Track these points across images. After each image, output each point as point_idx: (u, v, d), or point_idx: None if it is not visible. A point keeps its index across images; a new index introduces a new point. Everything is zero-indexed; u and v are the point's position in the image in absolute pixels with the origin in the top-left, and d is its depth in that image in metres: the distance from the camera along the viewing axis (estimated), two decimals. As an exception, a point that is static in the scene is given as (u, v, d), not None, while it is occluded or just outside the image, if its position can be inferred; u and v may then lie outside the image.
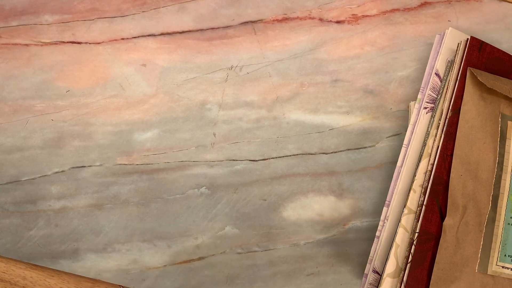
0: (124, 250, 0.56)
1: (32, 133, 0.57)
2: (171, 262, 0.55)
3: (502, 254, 0.47)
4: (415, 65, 0.56)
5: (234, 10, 0.58)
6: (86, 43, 0.58)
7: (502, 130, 0.49)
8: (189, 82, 0.57)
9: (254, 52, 0.57)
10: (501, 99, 0.49)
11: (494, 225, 0.48)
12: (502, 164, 0.48)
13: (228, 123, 0.56)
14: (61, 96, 0.58)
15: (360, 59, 0.56)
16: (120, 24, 0.58)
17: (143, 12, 0.58)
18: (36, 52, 0.58)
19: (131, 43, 0.58)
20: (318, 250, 0.54)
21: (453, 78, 0.50)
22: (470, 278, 0.47)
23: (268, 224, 0.55)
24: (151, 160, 0.56)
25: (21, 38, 0.59)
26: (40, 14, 0.59)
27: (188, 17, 0.58)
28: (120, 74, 0.57)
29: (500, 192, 0.48)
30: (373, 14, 0.57)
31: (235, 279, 0.55)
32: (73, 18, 0.58)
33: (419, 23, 0.56)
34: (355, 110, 0.56)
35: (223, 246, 0.55)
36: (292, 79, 0.57)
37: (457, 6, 0.56)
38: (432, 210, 0.47)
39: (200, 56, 0.57)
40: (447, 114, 0.49)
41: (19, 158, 0.57)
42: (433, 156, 0.49)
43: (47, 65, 0.58)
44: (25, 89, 0.58)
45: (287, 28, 0.57)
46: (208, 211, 0.56)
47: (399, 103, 0.56)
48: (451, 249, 0.46)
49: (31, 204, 0.57)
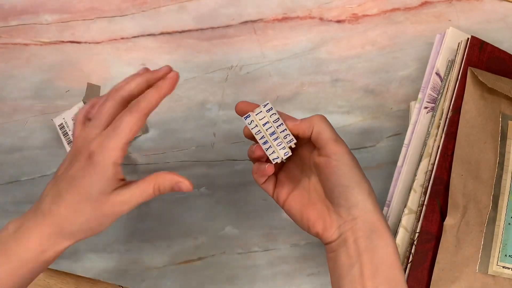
0: (124, 250, 0.55)
1: (31, 133, 0.57)
2: (171, 262, 0.55)
3: (503, 254, 0.47)
4: (415, 65, 0.56)
5: (234, 9, 0.58)
6: (86, 43, 0.58)
7: (502, 130, 0.49)
8: (189, 81, 0.57)
9: (254, 51, 0.57)
10: (502, 98, 0.49)
11: (494, 225, 0.48)
12: (502, 164, 0.48)
13: (228, 123, 0.56)
14: (61, 96, 0.58)
15: (361, 59, 0.56)
16: (119, 23, 0.58)
17: (142, 11, 0.58)
18: (36, 52, 0.58)
19: (130, 43, 0.58)
20: (319, 250, 0.54)
21: (454, 77, 0.50)
22: (471, 278, 0.46)
23: (268, 224, 0.55)
24: (151, 160, 0.56)
25: (21, 37, 0.59)
26: (40, 13, 0.59)
27: (188, 16, 0.58)
28: (120, 74, 0.57)
29: (500, 192, 0.48)
30: (374, 13, 0.57)
31: (235, 279, 0.55)
32: (73, 17, 0.58)
33: (420, 23, 0.56)
34: (356, 110, 0.56)
35: (223, 246, 0.55)
36: (292, 79, 0.56)
37: (457, 6, 0.56)
38: (433, 210, 0.47)
39: (200, 56, 0.57)
40: (448, 113, 0.49)
41: (18, 158, 0.57)
42: (434, 156, 0.49)
43: (46, 65, 0.58)
44: (25, 89, 0.58)
45: (287, 27, 0.57)
46: (208, 211, 0.56)
47: (399, 102, 0.55)
48: (451, 249, 0.46)
49: (31, 204, 0.56)
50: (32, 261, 0.38)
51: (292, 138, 0.41)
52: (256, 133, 0.41)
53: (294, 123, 0.41)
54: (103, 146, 0.37)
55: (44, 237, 0.37)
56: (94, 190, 0.37)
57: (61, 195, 0.38)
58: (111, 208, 0.38)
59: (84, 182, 0.37)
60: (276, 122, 0.41)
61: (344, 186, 0.40)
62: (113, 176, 0.37)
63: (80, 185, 0.37)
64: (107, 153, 0.37)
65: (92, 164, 0.37)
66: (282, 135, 0.41)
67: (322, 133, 0.40)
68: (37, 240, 0.37)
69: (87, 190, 0.37)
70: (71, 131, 0.53)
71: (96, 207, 0.37)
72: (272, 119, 0.41)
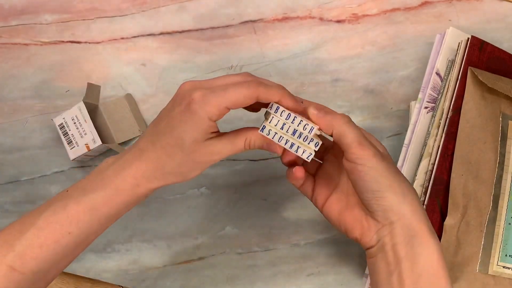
0: (124, 250, 0.55)
1: (31, 133, 0.57)
2: (171, 262, 0.55)
3: (503, 254, 0.47)
4: (415, 65, 0.56)
5: (234, 9, 0.58)
6: (86, 43, 0.58)
7: (503, 130, 0.49)
8: (189, 81, 0.57)
9: (254, 51, 0.57)
10: (502, 98, 0.49)
11: (495, 225, 0.48)
12: (503, 164, 0.48)
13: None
14: (61, 96, 0.58)
15: (361, 59, 0.56)
16: (119, 23, 0.58)
17: (142, 11, 0.58)
18: (36, 52, 0.58)
19: (130, 43, 0.58)
20: (319, 250, 0.54)
21: (454, 77, 0.50)
22: (471, 278, 0.46)
23: (268, 224, 0.55)
24: (151, 160, 0.56)
25: (21, 37, 0.58)
26: (40, 13, 0.59)
27: (188, 16, 0.58)
28: (120, 74, 0.57)
29: (501, 192, 0.48)
30: (374, 13, 0.57)
31: (235, 279, 0.54)
32: (73, 17, 0.58)
33: (420, 23, 0.56)
34: (356, 109, 0.56)
35: (223, 246, 0.55)
36: (293, 79, 0.56)
37: (458, 6, 0.56)
38: (433, 210, 0.47)
39: (200, 56, 0.57)
40: (448, 113, 0.49)
41: (18, 158, 0.57)
42: (434, 156, 0.49)
43: (46, 65, 0.58)
44: (25, 89, 0.58)
45: (287, 27, 0.57)
46: (208, 211, 0.56)
47: (399, 102, 0.55)
48: (452, 249, 0.46)
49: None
50: (126, 193, 0.38)
51: (312, 126, 0.38)
52: (279, 140, 0.39)
53: (315, 115, 0.39)
54: (205, 99, 0.37)
55: (139, 172, 0.38)
56: (188, 137, 0.37)
57: (158, 136, 0.38)
58: (202, 156, 0.38)
59: (179, 127, 0.37)
60: (288, 118, 0.38)
61: (374, 191, 0.37)
62: (207, 128, 0.37)
63: (176, 129, 0.37)
64: (206, 107, 0.36)
65: (190, 112, 0.37)
66: (301, 128, 0.38)
67: (344, 136, 0.38)
68: (132, 173, 0.38)
69: (181, 136, 0.37)
70: (71, 131, 0.53)
71: (188, 154, 0.38)
72: (283, 116, 0.38)
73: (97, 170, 0.40)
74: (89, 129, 0.53)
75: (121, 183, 0.38)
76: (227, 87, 0.37)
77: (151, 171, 0.38)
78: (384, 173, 0.37)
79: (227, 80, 0.39)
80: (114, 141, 0.55)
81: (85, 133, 0.53)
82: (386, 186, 0.37)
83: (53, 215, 0.38)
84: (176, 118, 0.38)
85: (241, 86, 0.37)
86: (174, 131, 0.38)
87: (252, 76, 0.39)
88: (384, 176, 0.37)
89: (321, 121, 0.39)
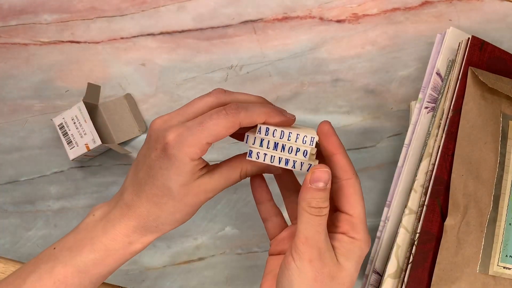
0: (124, 250, 0.55)
1: (31, 133, 0.57)
2: (171, 262, 0.55)
3: (504, 255, 0.47)
4: (416, 65, 0.56)
5: (234, 9, 0.57)
6: (85, 43, 0.58)
7: (503, 130, 0.49)
8: (189, 81, 0.57)
9: (254, 51, 0.57)
10: (503, 98, 0.49)
11: (495, 225, 0.48)
12: (503, 164, 0.48)
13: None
14: (60, 96, 0.57)
15: (361, 59, 0.56)
16: (119, 23, 0.58)
17: (142, 11, 0.58)
18: (35, 52, 0.58)
19: (130, 43, 0.58)
20: (319, 251, 0.54)
21: (454, 77, 0.50)
22: (471, 279, 0.46)
23: (268, 224, 0.55)
24: (151, 160, 0.56)
25: (20, 37, 0.58)
26: (39, 13, 0.58)
27: (187, 16, 0.58)
28: (120, 74, 0.57)
29: (501, 192, 0.48)
30: (374, 13, 0.57)
31: (235, 280, 0.54)
32: (72, 17, 0.58)
33: (420, 22, 0.56)
34: (356, 109, 0.56)
35: (223, 246, 0.55)
36: (293, 79, 0.56)
37: (458, 5, 0.56)
38: (433, 210, 0.47)
39: (200, 56, 0.57)
40: (448, 113, 0.49)
41: (18, 158, 0.57)
42: (434, 156, 0.48)
43: (46, 65, 0.58)
44: (24, 89, 0.58)
45: (287, 27, 0.57)
46: (208, 211, 0.55)
47: (400, 102, 0.55)
48: (452, 249, 0.46)
49: (30, 204, 0.56)
50: (118, 252, 0.36)
51: (312, 136, 0.35)
52: (271, 161, 0.35)
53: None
54: (181, 140, 0.33)
55: (130, 230, 0.36)
56: (173, 184, 0.34)
57: (140, 186, 0.35)
58: (195, 198, 0.35)
59: (162, 176, 0.34)
60: (283, 137, 0.35)
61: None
62: (192, 168, 0.34)
63: (158, 178, 0.34)
64: (183, 149, 0.33)
65: (168, 158, 0.33)
66: (300, 142, 0.35)
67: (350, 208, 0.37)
68: (123, 231, 0.36)
69: (166, 184, 0.34)
70: (71, 131, 0.53)
71: (180, 200, 0.35)
72: (277, 136, 0.35)
73: (84, 226, 0.37)
74: (89, 129, 0.53)
75: (111, 243, 0.36)
76: (203, 120, 0.33)
77: (143, 227, 0.36)
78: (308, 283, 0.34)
79: (200, 107, 0.35)
80: (114, 141, 0.55)
81: (84, 133, 0.53)
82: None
83: (39, 280, 0.35)
84: (154, 166, 0.34)
85: (218, 116, 0.33)
86: (156, 180, 0.34)
87: (226, 94, 0.36)
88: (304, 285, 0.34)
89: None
